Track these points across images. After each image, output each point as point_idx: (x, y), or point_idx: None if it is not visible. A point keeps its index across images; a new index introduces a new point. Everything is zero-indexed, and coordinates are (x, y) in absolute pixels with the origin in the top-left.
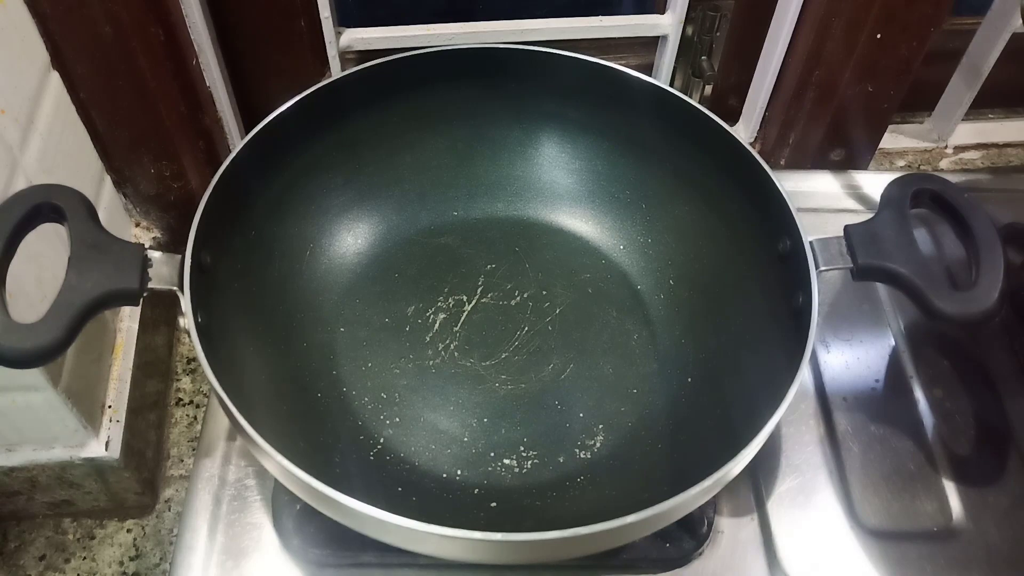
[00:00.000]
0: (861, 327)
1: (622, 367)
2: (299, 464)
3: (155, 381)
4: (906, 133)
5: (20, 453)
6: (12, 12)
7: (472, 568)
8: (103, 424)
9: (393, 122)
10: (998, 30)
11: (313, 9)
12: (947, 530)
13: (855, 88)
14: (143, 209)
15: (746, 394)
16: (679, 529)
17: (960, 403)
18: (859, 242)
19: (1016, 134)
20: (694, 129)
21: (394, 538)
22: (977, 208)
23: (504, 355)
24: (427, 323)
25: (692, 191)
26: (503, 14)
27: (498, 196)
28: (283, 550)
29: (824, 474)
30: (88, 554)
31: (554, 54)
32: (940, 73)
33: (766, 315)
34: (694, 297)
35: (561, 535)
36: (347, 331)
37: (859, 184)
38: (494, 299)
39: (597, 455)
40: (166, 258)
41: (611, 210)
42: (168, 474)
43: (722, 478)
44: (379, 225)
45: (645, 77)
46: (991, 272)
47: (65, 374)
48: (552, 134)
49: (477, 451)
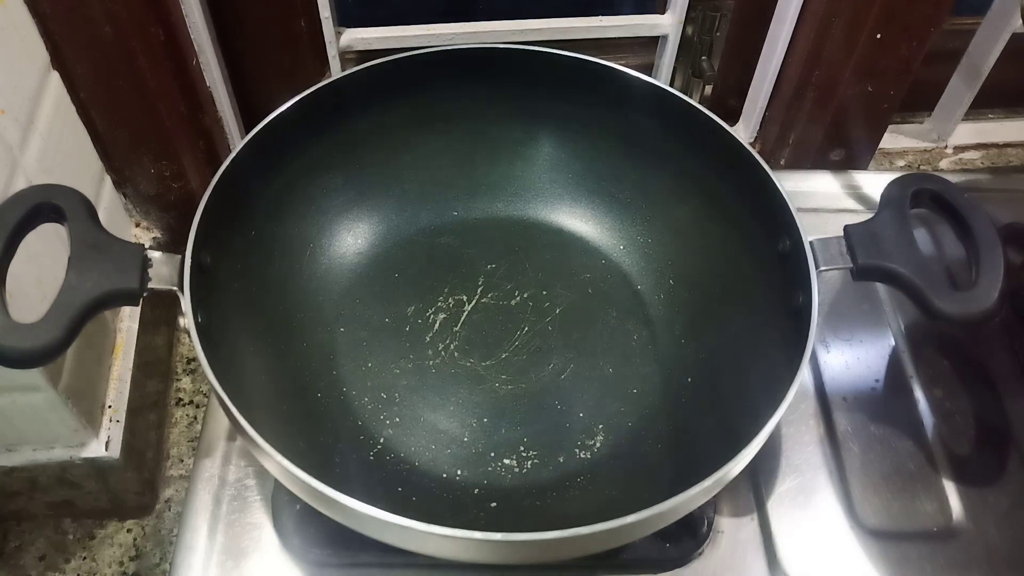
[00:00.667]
0: (861, 327)
1: (622, 367)
2: (299, 464)
3: (155, 381)
4: (906, 133)
5: (20, 453)
6: (12, 12)
7: (472, 568)
8: (103, 424)
9: (393, 122)
10: (998, 30)
11: (313, 9)
12: (947, 530)
13: (855, 88)
14: (143, 209)
15: (746, 394)
16: (679, 529)
17: (960, 403)
18: (859, 242)
19: (1016, 134)
20: (694, 129)
21: (394, 538)
22: (977, 208)
23: (504, 355)
24: (427, 323)
25: (692, 191)
26: (503, 14)
27: (498, 196)
28: (283, 550)
29: (824, 474)
30: (88, 554)
31: (554, 54)
32: (940, 73)
33: (766, 315)
34: (694, 297)
35: (561, 535)
36: (347, 331)
37: (859, 184)
38: (494, 299)
39: (597, 455)
40: (166, 258)
41: (611, 210)
42: (168, 474)
43: (722, 478)
44: (379, 225)
45: (645, 77)
46: (991, 272)
47: (65, 374)
48: (552, 134)
49: (477, 451)
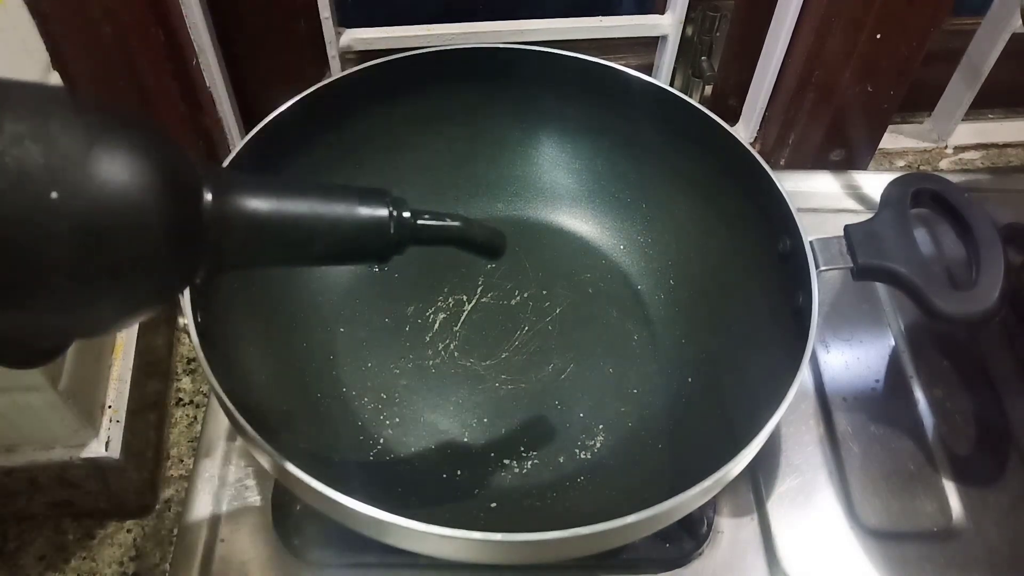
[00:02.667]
0: (861, 327)
1: (622, 367)
2: (299, 464)
3: (155, 381)
4: (906, 133)
5: (20, 453)
6: (12, 12)
7: (472, 568)
8: (103, 424)
9: (393, 122)
10: (998, 30)
11: (313, 9)
12: (947, 530)
13: (855, 88)
14: None
15: (746, 394)
16: (679, 529)
17: (960, 403)
18: (859, 242)
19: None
20: (694, 129)
21: (394, 538)
22: (977, 208)
23: (504, 355)
24: (427, 323)
25: (692, 191)
26: (503, 14)
27: (498, 196)
28: (283, 550)
29: (824, 474)
30: (88, 554)
31: (554, 54)
32: (940, 73)
33: (766, 315)
34: (694, 297)
35: (561, 535)
36: (347, 331)
37: (859, 184)
38: (494, 299)
39: (597, 455)
40: None
41: (611, 210)
42: (168, 474)
43: (722, 478)
44: None
45: (645, 77)
46: (991, 272)
47: (65, 374)
48: (552, 134)
49: (477, 451)
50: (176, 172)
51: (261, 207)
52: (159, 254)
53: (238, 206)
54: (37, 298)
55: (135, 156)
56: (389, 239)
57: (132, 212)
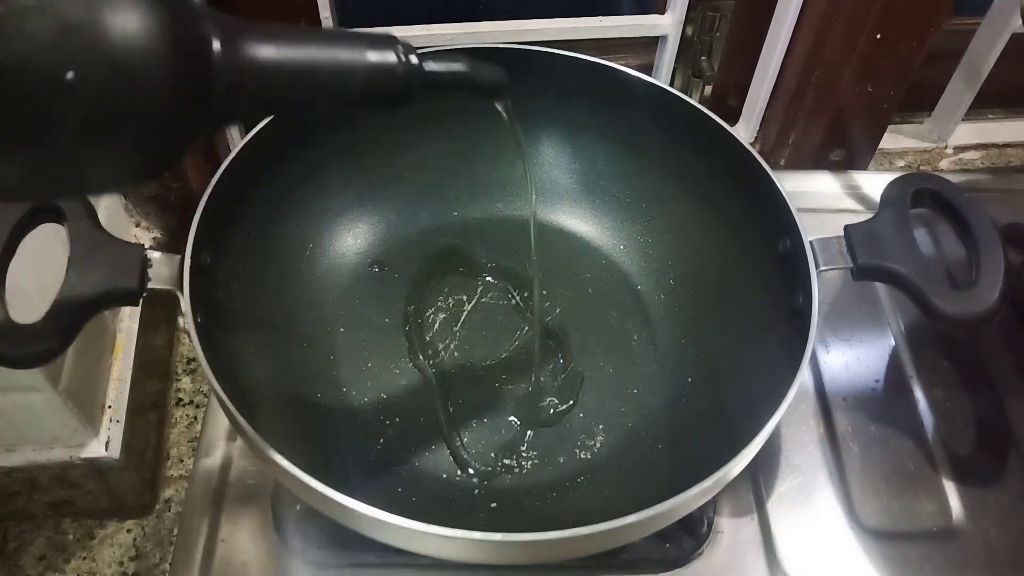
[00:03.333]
0: (861, 327)
1: (622, 367)
2: (299, 464)
3: (155, 381)
4: (906, 133)
5: (20, 453)
6: None
7: (472, 568)
8: (103, 424)
9: (393, 122)
10: (998, 30)
11: (313, 9)
12: (947, 530)
13: (855, 88)
14: (143, 209)
15: (746, 394)
16: (679, 529)
17: (960, 403)
18: (859, 242)
19: (1016, 134)
20: (694, 129)
21: (394, 538)
22: (977, 208)
23: (504, 355)
24: (427, 323)
25: (692, 191)
26: (503, 14)
27: (498, 196)
28: (283, 550)
29: (824, 474)
30: (88, 554)
31: (554, 54)
32: (940, 73)
33: (766, 315)
34: (694, 297)
35: (561, 535)
36: (347, 331)
37: (859, 184)
38: (494, 299)
39: (597, 455)
40: (166, 258)
41: (611, 210)
42: (168, 474)
43: (722, 478)
44: (379, 225)
45: (645, 77)
46: (991, 272)
47: (65, 374)
48: (552, 134)
49: (477, 451)
50: (185, 21)
51: (271, 55)
52: (170, 104)
53: (248, 54)
54: (46, 147)
55: (143, 5)
56: (399, 84)
57: (142, 62)
